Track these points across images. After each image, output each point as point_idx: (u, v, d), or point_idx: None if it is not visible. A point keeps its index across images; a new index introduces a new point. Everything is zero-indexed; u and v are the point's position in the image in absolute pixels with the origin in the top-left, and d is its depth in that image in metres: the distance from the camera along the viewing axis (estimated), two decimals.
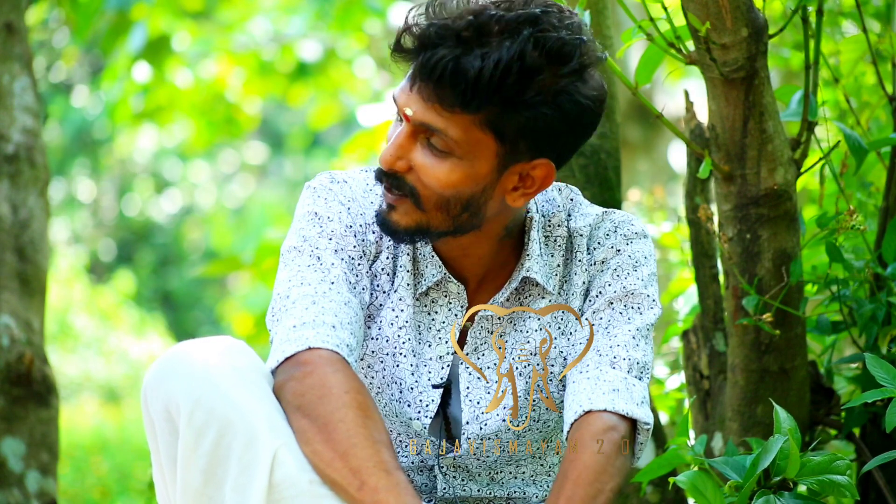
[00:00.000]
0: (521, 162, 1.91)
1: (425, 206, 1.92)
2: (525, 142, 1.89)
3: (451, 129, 1.87)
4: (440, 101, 1.86)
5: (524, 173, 1.93)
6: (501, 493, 2.07)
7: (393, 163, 1.91)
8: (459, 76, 1.83)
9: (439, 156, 1.90)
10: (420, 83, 1.87)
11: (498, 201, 1.94)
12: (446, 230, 1.95)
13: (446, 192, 1.90)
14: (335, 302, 1.91)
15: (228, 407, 1.77)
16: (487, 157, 1.90)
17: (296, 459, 1.78)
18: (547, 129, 1.88)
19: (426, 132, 1.89)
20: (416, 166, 1.91)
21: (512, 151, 1.90)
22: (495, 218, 1.97)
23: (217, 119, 8.24)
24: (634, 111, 6.30)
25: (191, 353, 1.82)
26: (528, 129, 1.88)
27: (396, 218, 1.94)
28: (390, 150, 1.92)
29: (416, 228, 1.94)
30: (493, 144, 1.89)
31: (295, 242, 1.98)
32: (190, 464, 1.78)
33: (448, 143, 1.88)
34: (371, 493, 1.75)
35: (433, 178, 1.90)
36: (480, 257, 2.02)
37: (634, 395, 1.94)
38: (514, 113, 1.86)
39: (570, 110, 1.88)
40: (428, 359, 2.02)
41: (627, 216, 2.06)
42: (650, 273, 2.03)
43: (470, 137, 1.88)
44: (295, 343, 1.87)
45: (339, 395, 1.81)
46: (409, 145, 1.91)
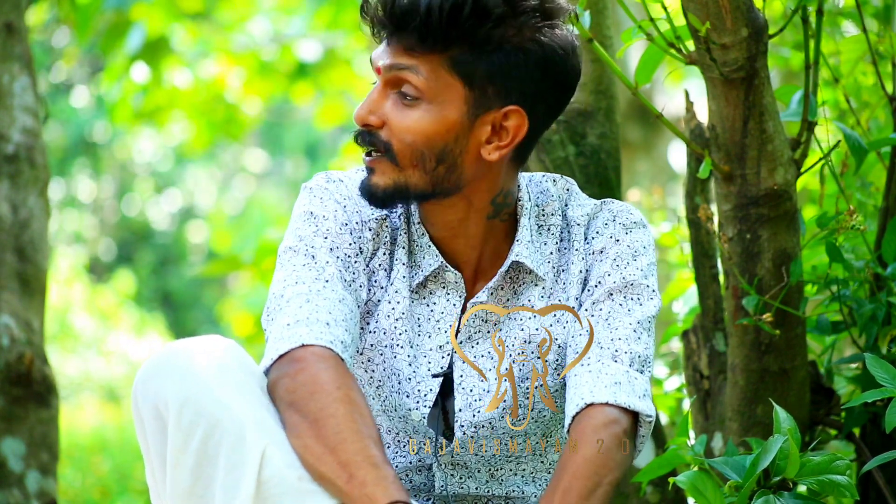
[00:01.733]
0: (491, 110, 1.94)
1: (401, 161, 1.94)
2: (493, 87, 1.93)
3: (418, 70, 1.92)
4: (403, 45, 1.92)
5: (497, 124, 1.95)
6: (500, 491, 2.07)
7: (365, 117, 1.95)
8: (413, 13, 1.89)
9: (409, 104, 1.93)
10: (390, 36, 1.94)
11: (474, 156, 1.96)
12: (426, 189, 1.96)
13: (418, 141, 1.93)
14: (329, 300, 1.92)
15: (217, 406, 1.78)
16: (456, 103, 1.93)
17: (284, 457, 1.79)
18: (514, 72, 1.92)
19: (397, 82, 1.94)
20: (389, 119, 1.94)
21: (481, 97, 1.93)
22: (478, 183, 1.98)
23: (217, 119, 8.24)
24: (634, 111, 6.30)
25: (180, 352, 1.83)
26: (496, 72, 1.91)
27: (376, 180, 1.96)
28: (363, 106, 1.96)
29: (394, 188, 1.96)
30: (462, 89, 1.92)
31: (291, 242, 1.99)
32: (179, 462, 1.79)
33: (416, 86, 1.92)
34: (359, 486, 1.76)
35: (404, 127, 1.93)
36: (470, 237, 2.02)
37: (636, 388, 1.94)
38: (479, 54, 1.90)
39: (536, 54, 1.92)
40: (428, 349, 2.03)
41: (626, 206, 2.06)
42: (649, 263, 2.03)
43: (437, 80, 1.92)
44: (289, 341, 1.87)
45: (331, 391, 1.82)
46: (382, 100, 1.95)
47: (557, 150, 2.70)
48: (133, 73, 7.41)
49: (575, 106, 2.72)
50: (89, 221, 15.94)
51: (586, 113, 2.72)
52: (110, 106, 7.97)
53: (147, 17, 7.07)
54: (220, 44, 7.84)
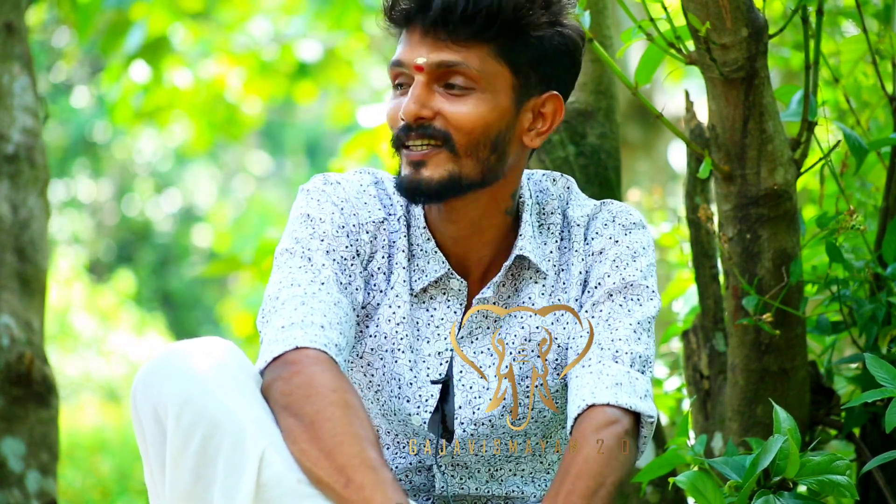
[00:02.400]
0: (534, 96, 1.97)
1: (460, 150, 1.94)
2: (535, 73, 1.96)
3: (471, 60, 1.92)
4: (454, 39, 1.92)
5: (537, 110, 1.98)
6: (500, 491, 2.07)
7: (419, 110, 1.93)
8: (479, 6, 1.89)
9: (462, 94, 1.93)
10: (426, 30, 1.93)
11: (517, 143, 1.98)
12: (475, 179, 1.96)
13: (476, 129, 1.93)
14: (324, 302, 1.92)
15: (216, 407, 1.78)
16: (506, 90, 1.95)
17: (283, 459, 1.78)
18: (553, 58, 1.96)
19: (443, 76, 1.93)
20: (443, 111, 1.94)
21: (525, 84, 1.96)
22: (511, 174, 2.00)
23: (217, 119, 8.24)
24: (634, 111, 6.30)
25: (179, 354, 1.83)
26: (537, 58, 1.95)
27: (428, 173, 1.94)
28: (412, 100, 1.93)
29: (448, 180, 1.95)
30: (509, 76, 1.95)
31: (287, 245, 1.99)
32: (178, 464, 1.79)
33: (469, 76, 1.93)
34: (357, 490, 1.75)
35: (462, 116, 1.93)
36: (486, 233, 2.02)
37: (637, 389, 1.94)
38: (524, 41, 1.93)
39: (569, 41, 1.97)
40: (427, 355, 2.03)
41: (625, 207, 2.07)
42: (649, 264, 2.04)
43: (488, 69, 1.93)
44: (283, 343, 1.87)
45: (326, 394, 1.82)
46: (428, 94, 1.94)
47: (557, 150, 2.70)
48: (133, 73, 7.41)
49: (575, 106, 2.72)
50: (89, 221, 15.94)
51: (586, 113, 2.72)
52: (110, 106, 7.97)
53: (147, 17, 7.07)
54: (220, 44, 7.84)
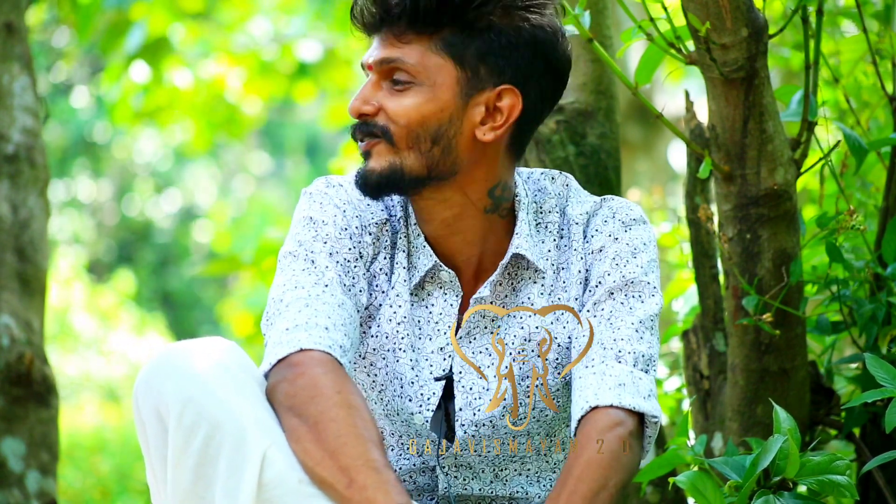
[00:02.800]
0: (485, 90, 1.96)
1: (397, 142, 1.96)
2: (485, 66, 1.95)
3: (408, 56, 1.94)
4: (393, 34, 1.95)
5: (490, 104, 1.97)
6: (504, 491, 2.07)
7: (360, 107, 1.97)
8: (413, 3, 1.91)
9: (403, 89, 1.95)
10: (378, 31, 1.97)
11: (468, 138, 1.97)
12: (420, 172, 1.97)
13: (412, 122, 1.95)
14: (329, 304, 1.92)
15: (218, 407, 1.78)
16: (449, 84, 1.95)
17: (285, 459, 1.78)
18: (505, 52, 1.95)
19: (387, 73, 1.96)
20: (383, 105, 1.96)
21: (473, 77, 1.95)
22: (474, 171, 1.99)
23: (217, 119, 8.23)
24: (634, 111, 6.30)
25: (181, 354, 1.83)
26: (487, 51, 1.94)
27: (372, 165, 1.98)
28: (356, 98, 1.99)
29: (390, 171, 1.97)
30: (453, 69, 1.95)
31: (291, 248, 2.00)
32: (180, 463, 1.79)
33: (408, 71, 1.95)
34: (360, 490, 1.75)
35: (400, 110, 1.95)
36: (467, 233, 2.02)
37: (641, 389, 1.94)
38: (470, 35, 1.94)
39: (526, 34, 1.95)
40: (429, 352, 2.03)
41: (626, 203, 2.06)
42: (650, 260, 2.03)
43: (428, 62, 1.94)
44: (287, 345, 1.87)
45: (330, 395, 1.82)
46: (375, 91, 1.98)
47: (557, 150, 2.70)
48: (133, 73, 7.41)
49: (575, 106, 2.72)
50: (89, 221, 15.94)
51: (586, 113, 2.72)
52: (110, 106, 7.97)
53: (147, 17, 7.07)
54: (220, 44, 7.84)
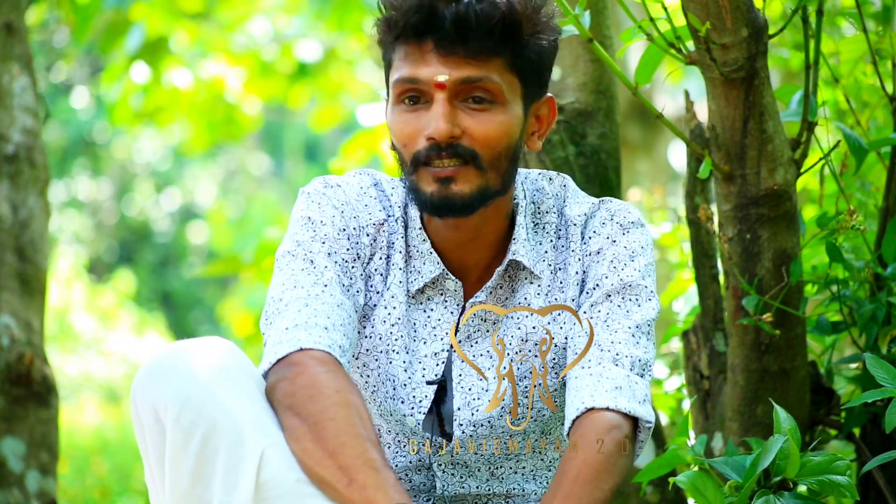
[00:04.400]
0: (536, 101, 2.00)
1: (486, 165, 1.95)
2: (537, 78, 1.98)
3: (493, 75, 1.93)
4: (474, 53, 1.91)
5: (538, 114, 2.02)
6: (501, 489, 2.07)
7: (451, 129, 1.93)
8: (491, 21, 1.90)
9: (484, 110, 1.94)
10: (437, 45, 1.92)
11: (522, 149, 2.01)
12: (498, 189, 1.98)
13: (500, 143, 1.95)
14: (328, 304, 1.92)
15: (216, 407, 1.78)
16: (519, 100, 1.97)
17: (283, 459, 1.78)
18: (547, 62, 1.99)
19: (463, 92, 1.93)
20: (467, 128, 1.94)
21: (530, 90, 1.98)
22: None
23: (217, 120, 8.24)
24: (634, 111, 6.30)
25: (179, 354, 1.83)
26: (537, 64, 1.97)
27: (458, 189, 1.94)
28: (442, 122, 1.92)
29: (478, 194, 1.95)
30: (518, 85, 1.96)
31: (289, 247, 1.99)
32: (178, 464, 1.79)
33: (492, 90, 1.93)
34: (359, 490, 1.76)
35: (489, 132, 1.94)
36: (486, 237, 2.03)
37: (637, 393, 1.94)
38: (526, 49, 1.94)
39: (554, 42, 1.99)
40: (423, 356, 2.03)
41: (624, 205, 2.06)
42: (647, 263, 2.03)
43: (505, 81, 1.94)
44: (287, 345, 1.87)
45: (330, 395, 1.82)
46: (453, 112, 1.94)
47: (557, 150, 2.70)
48: (133, 74, 7.41)
49: (575, 106, 2.72)
50: (89, 221, 15.94)
51: (586, 113, 2.72)
52: (110, 106, 7.97)
53: (147, 17, 7.07)
54: (220, 44, 7.84)
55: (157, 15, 7.15)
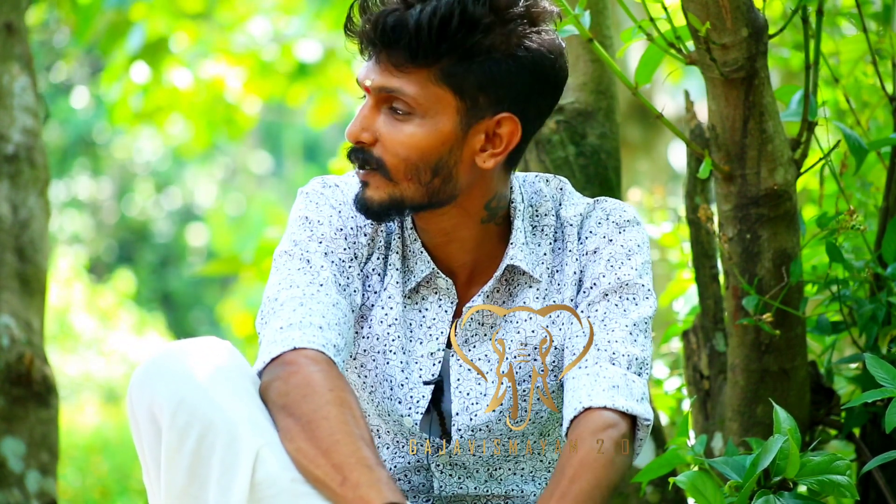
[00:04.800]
0: (484, 118, 1.93)
1: (394, 176, 1.93)
2: (485, 95, 1.92)
3: (407, 87, 1.90)
4: (393, 63, 1.90)
5: (490, 132, 1.94)
6: (499, 490, 2.07)
7: (358, 134, 1.94)
8: (402, 29, 1.87)
9: (402, 119, 1.92)
10: (375, 52, 1.93)
11: (468, 165, 1.95)
12: (421, 201, 1.95)
13: (412, 156, 1.92)
14: (323, 304, 1.92)
15: (211, 407, 1.78)
16: (449, 115, 1.92)
17: (278, 459, 1.79)
18: (505, 80, 1.91)
19: (386, 100, 1.93)
20: (381, 135, 1.93)
21: (473, 107, 1.92)
22: (472, 190, 1.98)
23: (217, 120, 8.24)
24: (634, 111, 6.30)
25: (175, 354, 1.83)
26: (486, 80, 1.91)
27: (370, 194, 1.96)
28: (354, 123, 1.95)
29: (389, 202, 1.95)
30: (453, 100, 1.91)
31: (286, 247, 2.00)
32: (174, 464, 1.79)
33: (407, 102, 1.91)
34: (353, 488, 1.75)
35: (398, 142, 1.92)
36: (464, 242, 2.02)
37: (634, 392, 1.94)
38: (469, 64, 1.89)
39: (525, 60, 1.91)
40: (419, 356, 2.03)
41: (619, 204, 2.06)
42: (644, 262, 2.03)
43: (428, 94, 1.91)
44: (281, 344, 1.88)
45: (323, 394, 1.82)
46: (373, 116, 1.94)
47: (557, 150, 2.70)
48: (133, 74, 7.41)
49: (575, 106, 2.72)
50: (89, 221, 15.94)
51: (586, 113, 2.72)
52: (110, 106, 7.97)
53: (147, 18, 7.07)
54: (220, 44, 7.84)
55: (157, 15, 7.15)
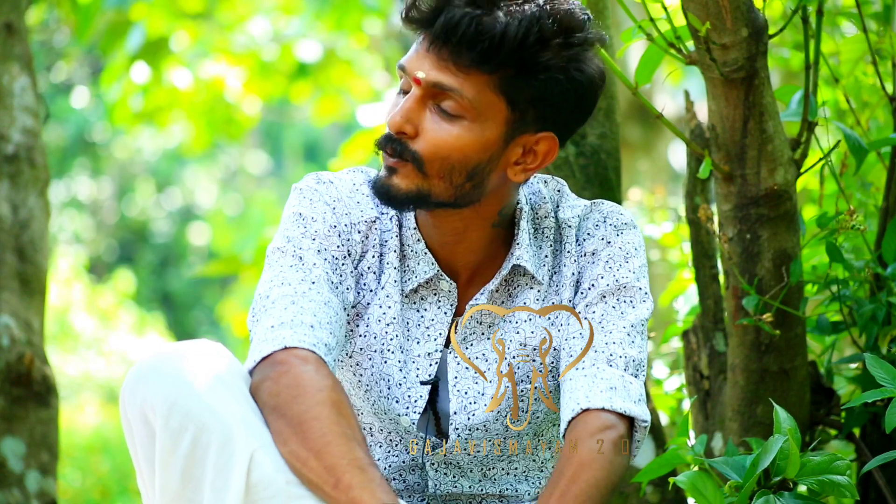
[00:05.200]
0: (527, 133, 1.93)
1: (428, 171, 1.92)
2: (535, 110, 1.92)
3: (466, 89, 1.89)
4: (456, 61, 1.88)
5: (528, 146, 1.95)
6: (493, 489, 2.07)
7: (402, 125, 1.92)
8: (483, 34, 1.85)
9: (449, 119, 1.91)
10: (435, 45, 1.89)
11: (499, 174, 1.95)
12: (446, 200, 1.95)
13: (453, 156, 1.91)
14: (315, 302, 1.91)
15: (204, 410, 1.78)
16: (497, 123, 1.92)
17: (273, 461, 1.78)
18: (556, 98, 1.91)
19: (437, 96, 1.91)
20: (424, 130, 1.92)
21: (521, 120, 1.92)
22: (493, 196, 1.98)
23: (217, 120, 8.23)
24: (634, 111, 6.30)
25: (167, 357, 1.82)
26: (540, 96, 1.90)
27: (397, 181, 1.94)
28: (399, 113, 1.92)
29: (416, 194, 1.94)
30: (505, 110, 1.91)
31: (279, 243, 1.99)
32: (168, 466, 1.79)
33: (461, 103, 1.90)
34: (346, 490, 1.75)
35: (441, 141, 1.91)
36: (473, 242, 2.01)
37: (632, 393, 1.94)
38: (528, 78, 1.89)
39: (578, 81, 1.91)
40: (416, 355, 2.03)
41: (615, 206, 2.06)
42: (641, 265, 2.03)
43: (483, 99, 1.89)
44: (272, 343, 1.87)
45: (313, 394, 1.81)
46: (419, 110, 1.92)
47: None
48: (133, 73, 7.41)
49: None
50: (89, 221, 15.94)
51: None
52: (110, 106, 7.97)
53: (147, 17, 7.07)
54: (220, 44, 7.84)
55: (157, 15, 7.15)
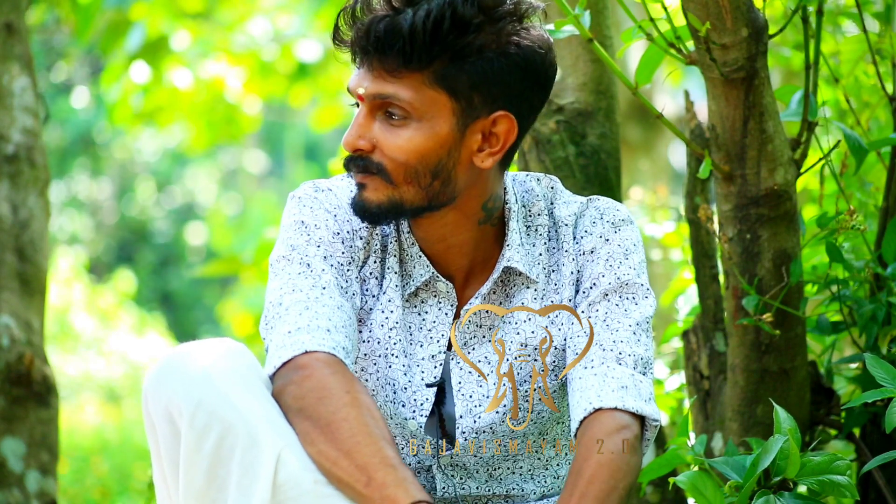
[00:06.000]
0: (480, 118, 1.93)
1: (395, 179, 1.93)
2: (479, 95, 1.92)
3: (402, 92, 1.90)
4: (386, 68, 1.90)
5: (486, 131, 1.95)
6: (500, 489, 2.07)
7: (355, 142, 1.94)
8: (395, 35, 1.87)
9: (398, 125, 1.92)
10: (366, 59, 1.92)
11: (466, 165, 1.95)
12: (420, 204, 1.95)
13: (412, 160, 1.92)
14: (328, 307, 1.92)
15: (229, 409, 1.78)
16: (445, 117, 1.92)
17: (299, 460, 1.79)
18: (497, 78, 1.91)
19: (381, 106, 1.92)
20: (379, 142, 1.93)
21: (468, 107, 1.92)
22: (470, 191, 1.98)
23: (217, 120, 8.23)
24: (634, 111, 6.30)
25: (190, 355, 1.83)
26: (479, 80, 1.91)
27: (368, 195, 1.95)
28: (350, 132, 1.94)
29: (389, 205, 1.95)
30: (448, 101, 1.92)
31: (283, 252, 1.99)
32: (193, 465, 1.79)
33: (403, 107, 1.91)
34: (379, 488, 1.76)
35: (396, 148, 1.92)
36: (462, 245, 2.01)
37: (642, 392, 1.95)
38: (461, 65, 1.90)
39: (516, 57, 1.91)
40: (420, 359, 2.03)
41: (611, 202, 2.06)
42: (640, 261, 2.03)
43: (423, 97, 1.91)
44: (291, 348, 1.87)
45: (340, 396, 1.82)
46: (369, 124, 1.94)
47: (557, 150, 2.70)
48: (133, 73, 7.41)
49: (575, 106, 2.72)
50: (89, 221, 15.94)
51: (586, 113, 2.72)
52: (110, 106, 7.97)
53: (147, 17, 7.07)
54: (220, 44, 7.84)
55: (157, 15, 7.15)
